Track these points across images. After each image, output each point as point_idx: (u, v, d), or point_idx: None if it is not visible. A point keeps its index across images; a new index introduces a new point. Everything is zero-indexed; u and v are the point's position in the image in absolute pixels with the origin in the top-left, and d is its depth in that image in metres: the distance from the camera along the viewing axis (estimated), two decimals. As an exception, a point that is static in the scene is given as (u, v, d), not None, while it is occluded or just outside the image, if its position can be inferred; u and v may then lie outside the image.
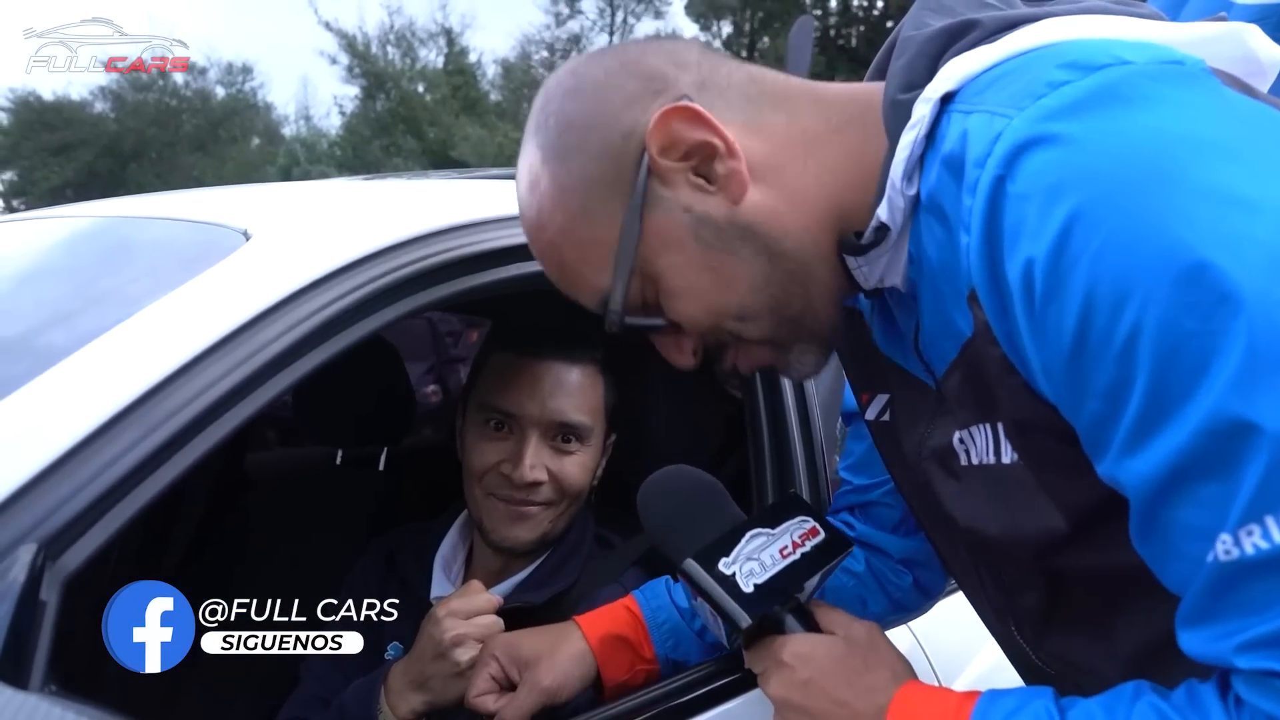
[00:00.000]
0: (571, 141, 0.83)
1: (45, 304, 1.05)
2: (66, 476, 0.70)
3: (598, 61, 0.86)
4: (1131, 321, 0.61)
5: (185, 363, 0.78)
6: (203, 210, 1.14)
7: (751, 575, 0.91)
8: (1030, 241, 0.64)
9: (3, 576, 0.65)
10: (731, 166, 0.81)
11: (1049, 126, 0.65)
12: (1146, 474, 0.63)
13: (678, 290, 0.84)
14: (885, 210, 0.80)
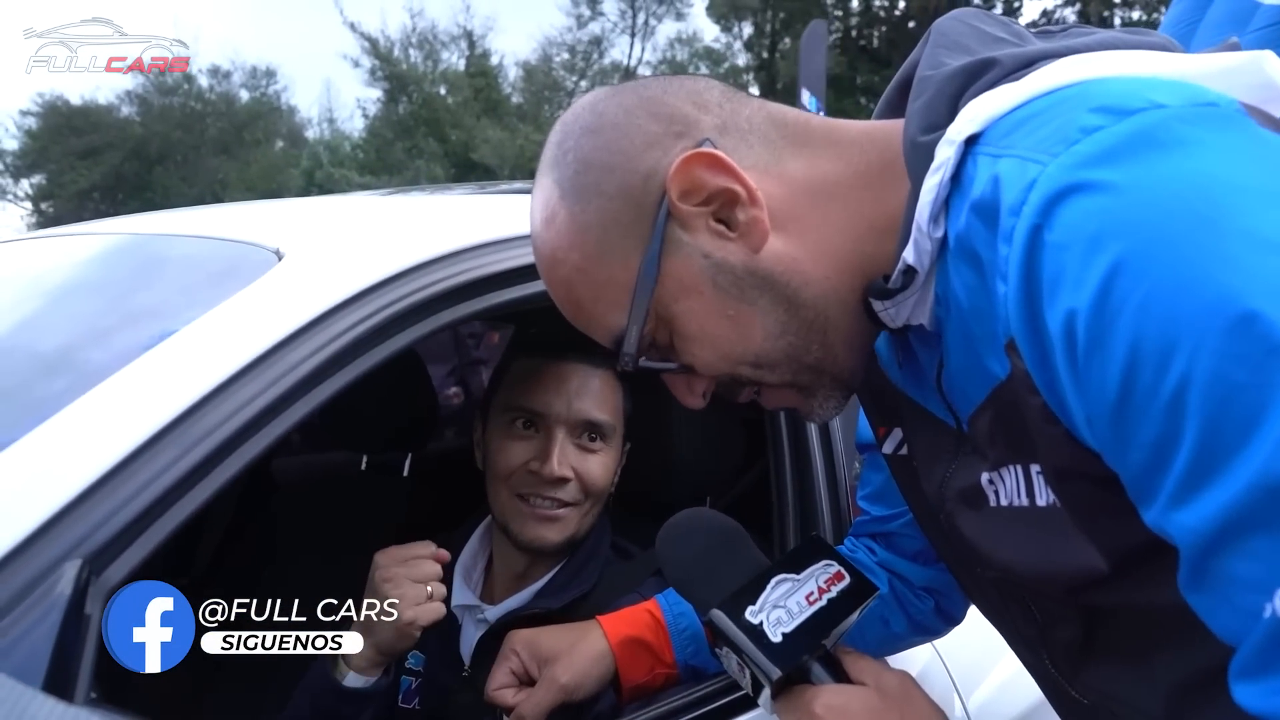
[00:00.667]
0: (590, 181, 0.83)
1: (84, 321, 1.08)
2: (109, 494, 0.73)
3: (617, 99, 0.85)
4: (1180, 373, 0.59)
5: (221, 382, 0.81)
6: (235, 228, 1.16)
7: (779, 624, 0.88)
8: (1071, 292, 0.63)
9: (49, 591, 0.67)
10: (753, 214, 0.80)
11: (1085, 174, 0.64)
12: (1196, 527, 0.61)
13: (693, 335, 0.84)
14: (912, 253, 0.79)
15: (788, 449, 1.33)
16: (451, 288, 0.99)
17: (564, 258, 0.84)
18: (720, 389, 0.89)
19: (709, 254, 0.81)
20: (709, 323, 0.83)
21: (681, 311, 0.83)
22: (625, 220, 0.81)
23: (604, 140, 0.83)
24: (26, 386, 0.93)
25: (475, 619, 1.34)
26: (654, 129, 0.82)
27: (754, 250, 0.81)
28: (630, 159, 0.81)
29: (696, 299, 0.82)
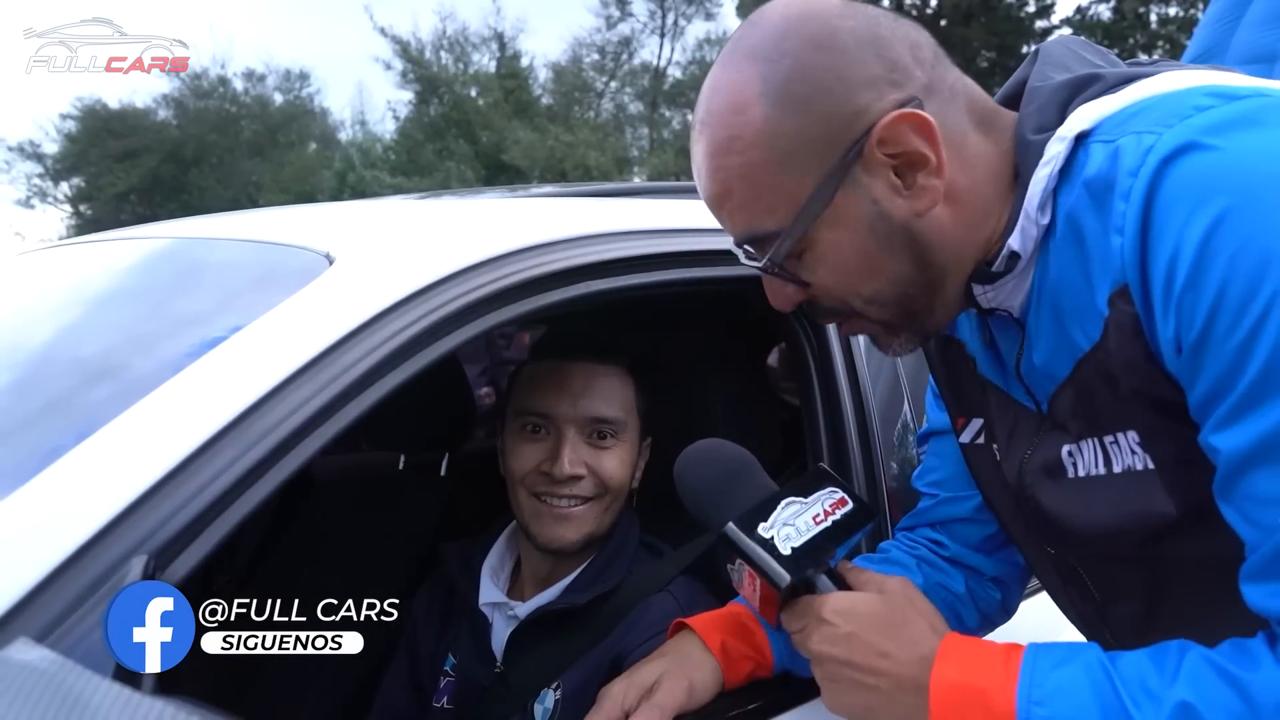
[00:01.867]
0: (801, 93, 0.84)
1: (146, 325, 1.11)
2: (173, 493, 0.75)
3: (851, 23, 0.86)
4: (1255, 317, 0.70)
5: (277, 384, 0.83)
6: (284, 232, 1.19)
7: (789, 539, 0.96)
8: (1177, 237, 0.73)
9: (118, 585, 0.70)
10: (932, 183, 0.86)
11: (1199, 138, 0.74)
12: (1235, 445, 0.73)
13: (829, 260, 0.89)
14: (1018, 240, 0.87)
15: (826, 449, 1.34)
16: (498, 290, 1.01)
17: (743, 149, 0.86)
18: (809, 307, 0.96)
19: (878, 200, 0.87)
20: (848, 256, 0.89)
21: (828, 239, 0.88)
22: (819, 143, 0.85)
23: (830, 61, 0.84)
24: (92, 389, 0.96)
25: (506, 615, 1.36)
26: (876, 70, 0.85)
27: (917, 214, 0.87)
28: (848, 90, 0.84)
29: (847, 233, 0.88)
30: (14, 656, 0.60)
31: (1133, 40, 23.90)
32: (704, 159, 0.91)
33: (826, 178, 0.86)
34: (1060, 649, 0.86)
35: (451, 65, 26.78)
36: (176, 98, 28.31)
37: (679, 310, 1.70)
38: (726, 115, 0.88)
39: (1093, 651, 0.84)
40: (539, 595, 1.35)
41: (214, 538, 0.76)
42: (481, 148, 24.51)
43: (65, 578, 0.70)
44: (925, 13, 26.27)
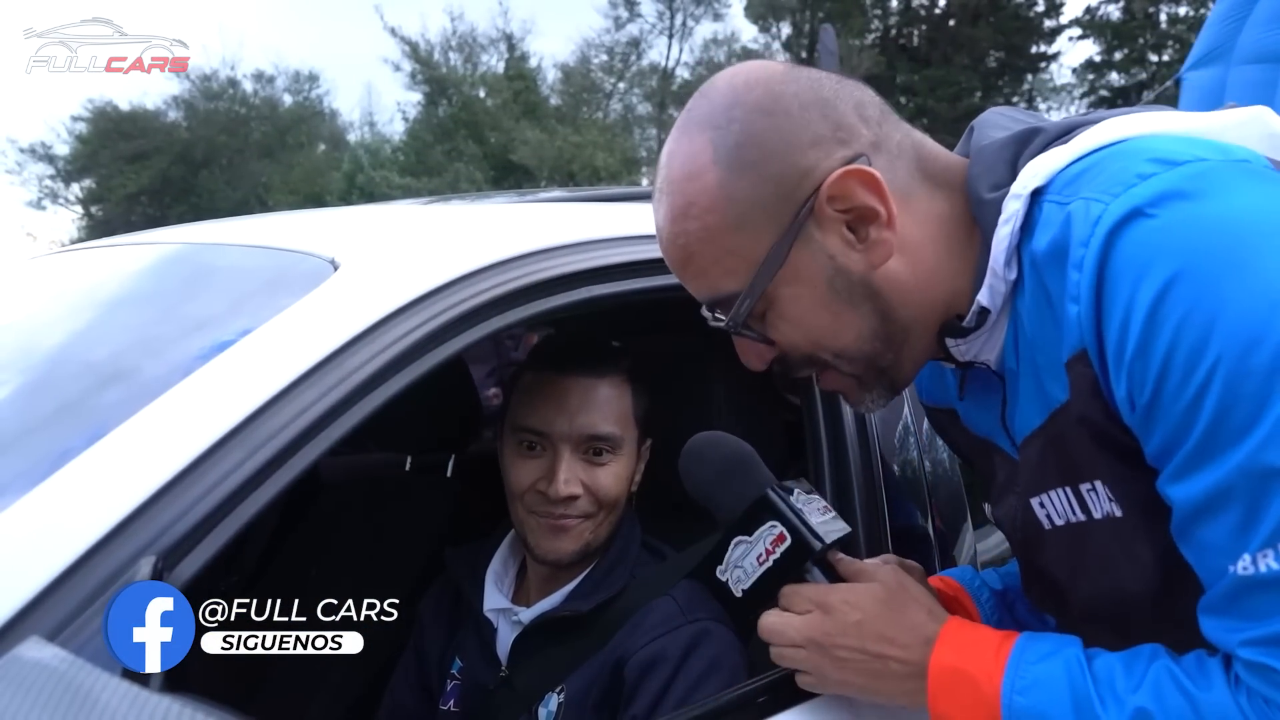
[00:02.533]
0: (751, 158, 0.89)
1: (152, 330, 1.13)
2: (181, 494, 0.77)
3: (793, 88, 0.90)
4: (1202, 378, 0.74)
5: (282, 389, 0.85)
6: (290, 238, 1.21)
7: (739, 582, 1.05)
8: (1127, 304, 0.77)
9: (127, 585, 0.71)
10: (884, 236, 0.90)
11: (1143, 207, 0.77)
12: (1190, 496, 0.78)
13: (791, 317, 0.93)
14: (986, 295, 0.91)
15: (826, 453, 1.35)
16: (501, 295, 1.02)
17: (698, 215, 0.91)
18: (780, 365, 0.98)
19: (833, 256, 0.90)
20: (810, 312, 0.92)
21: (789, 295, 0.92)
22: (771, 203, 0.89)
23: (776, 124, 0.89)
24: (101, 393, 0.98)
25: (510, 620, 1.37)
26: (822, 130, 0.89)
27: (873, 266, 0.90)
28: (796, 151, 0.89)
29: (808, 289, 0.91)
30: (26, 654, 0.61)
31: (1142, 40, 23.83)
32: (664, 225, 0.94)
33: (781, 236, 0.89)
34: (1047, 642, 0.92)
35: (460, 66, 26.84)
36: (186, 99, 28.44)
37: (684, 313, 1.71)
38: (682, 182, 0.91)
39: (1074, 648, 0.90)
40: (542, 601, 1.36)
41: (221, 538, 0.78)
42: (490, 148, 24.55)
43: (75, 578, 0.71)
44: (933, 13, 26.23)
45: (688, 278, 0.96)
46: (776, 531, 1.04)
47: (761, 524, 1.04)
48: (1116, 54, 24.75)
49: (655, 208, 0.96)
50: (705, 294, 0.95)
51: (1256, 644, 0.77)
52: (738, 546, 1.05)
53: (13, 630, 0.68)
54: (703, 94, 0.95)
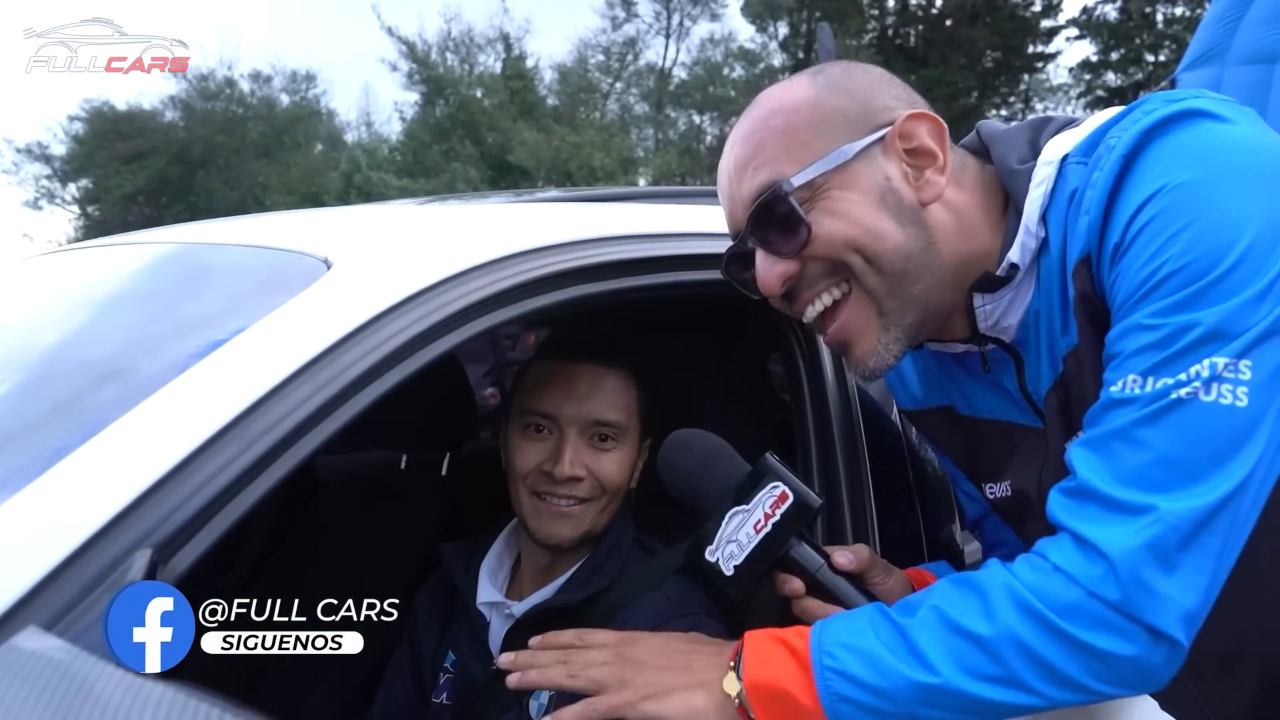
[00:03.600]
0: (844, 85, 1.05)
1: (147, 328, 1.14)
2: (175, 490, 0.78)
3: (875, 70, 1.09)
4: (1169, 243, 0.87)
5: (276, 385, 0.86)
6: (284, 237, 1.22)
7: (731, 559, 1.05)
8: (1131, 202, 0.89)
9: (122, 578, 0.73)
10: (936, 180, 1.03)
11: (1154, 130, 0.91)
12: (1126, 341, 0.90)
13: (836, 212, 1.01)
14: (1017, 252, 1.01)
15: (814, 450, 1.36)
16: (492, 294, 1.04)
17: (786, 113, 1.04)
18: (797, 288, 1.05)
19: (890, 178, 1.02)
20: (857, 210, 1.01)
21: (840, 196, 1.01)
22: (853, 118, 1.03)
23: (868, 79, 1.07)
24: (97, 389, 0.99)
25: (503, 614, 1.38)
26: (898, 92, 1.07)
27: (922, 202, 1.01)
28: (878, 95, 1.05)
29: (859, 194, 1.01)
30: (24, 644, 0.63)
31: (1139, 40, 23.84)
32: (743, 129, 1.06)
33: (850, 145, 1.01)
34: (840, 616, 0.99)
35: (457, 66, 26.82)
36: (184, 99, 28.40)
37: (682, 312, 1.72)
38: (777, 94, 1.07)
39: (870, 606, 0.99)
40: (534, 594, 1.37)
41: (215, 533, 0.79)
42: (487, 148, 24.53)
43: (72, 570, 0.72)
44: (930, 13, 26.23)
45: (749, 171, 1.04)
46: (779, 491, 1.05)
47: (761, 488, 1.06)
48: (1113, 54, 24.76)
49: (735, 129, 1.08)
50: (764, 180, 1.02)
51: None
52: (733, 519, 1.06)
53: (11, 621, 0.69)
54: (809, 70, 1.10)
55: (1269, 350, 0.84)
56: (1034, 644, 0.86)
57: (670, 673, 1.00)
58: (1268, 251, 0.85)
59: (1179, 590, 0.84)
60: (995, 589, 0.90)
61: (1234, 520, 0.85)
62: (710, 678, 0.98)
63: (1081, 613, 0.85)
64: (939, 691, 0.89)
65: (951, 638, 0.89)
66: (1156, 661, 0.86)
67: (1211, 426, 0.84)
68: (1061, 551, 0.89)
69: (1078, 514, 0.89)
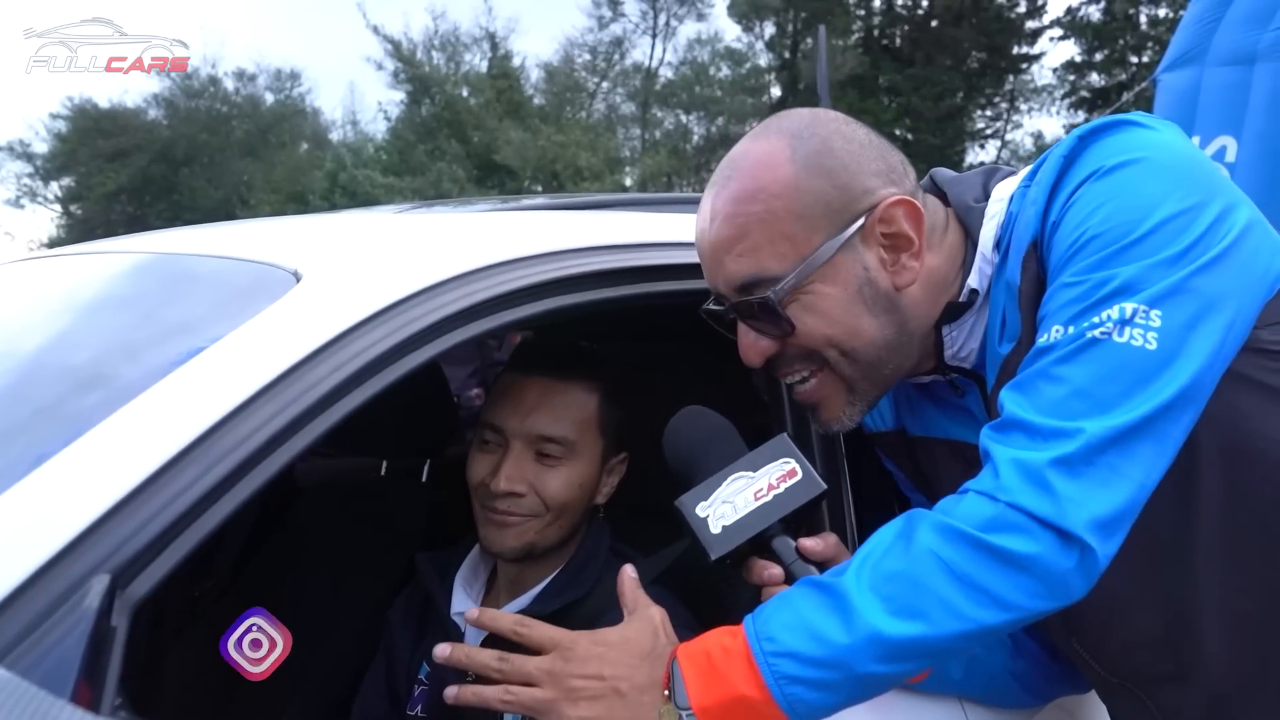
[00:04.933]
0: (825, 164, 1.04)
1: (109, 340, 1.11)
2: (135, 511, 0.76)
3: (860, 131, 1.09)
4: (1093, 215, 0.97)
5: (241, 403, 0.84)
6: (254, 248, 1.20)
7: (722, 518, 1.05)
8: (1073, 183, 0.99)
9: (77, 605, 0.71)
10: (911, 265, 1.07)
11: (1094, 132, 1.01)
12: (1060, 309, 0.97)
13: (817, 309, 1.05)
14: (976, 279, 1.09)
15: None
16: (467, 307, 1.02)
17: (767, 199, 1.04)
18: (775, 361, 1.10)
19: (868, 268, 1.06)
20: (836, 308, 1.05)
21: (822, 291, 1.04)
22: (834, 207, 1.04)
23: (849, 147, 1.06)
24: (55, 404, 0.97)
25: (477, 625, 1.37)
26: (882, 166, 1.08)
27: (897, 288, 1.07)
28: (861, 173, 1.05)
29: (839, 288, 1.05)
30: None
31: (1123, 41, 23.97)
32: (724, 205, 1.06)
33: (833, 237, 1.03)
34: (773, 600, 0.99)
35: (443, 65, 26.72)
36: (167, 97, 28.20)
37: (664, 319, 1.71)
38: (756, 170, 1.05)
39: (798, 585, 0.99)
40: (509, 604, 1.36)
41: (177, 555, 0.77)
42: (473, 148, 24.45)
43: (24, 598, 0.70)
44: (916, 14, 26.32)
45: (732, 256, 1.06)
46: (789, 466, 1.06)
47: (771, 460, 1.07)
48: (1097, 55, 24.88)
49: (714, 192, 1.08)
50: (747, 272, 1.05)
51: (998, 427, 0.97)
52: (735, 481, 1.06)
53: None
54: (780, 115, 1.10)
55: (1179, 304, 0.92)
56: (953, 560, 0.90)
57: (604, 702, 0.95)
58: (1181, 228, 0.94)
59: (1086, 496, 0.90)
60: (917, 524, 0.94)
61: (1145, 449, 0.92)
62: (645, 708, 0.95)
63: (998, 522, 0.90)
64: (872, 641, 0.90)
65: (878, 582, 0.92)
66: (1069, 565, 0.90)
67: (1122, 364, 0.92)
68: (980, 478, 0.95)
69: (1001, 441, 0.95)
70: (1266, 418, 0.99)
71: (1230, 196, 0.99)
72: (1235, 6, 4.40)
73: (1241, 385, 0.98)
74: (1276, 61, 4.11)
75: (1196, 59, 4.52)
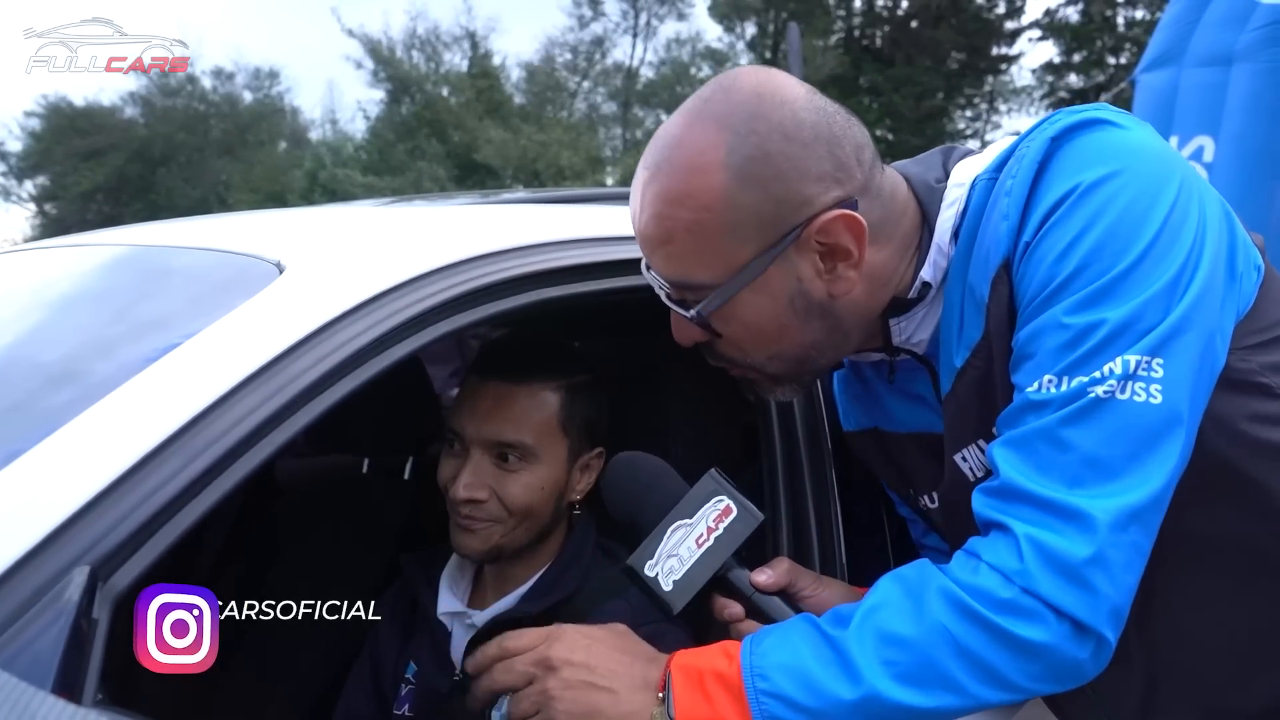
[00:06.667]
0: (763, 173, 0.95)
1: (90, 333, 1.10)
2: (115, 503, 0.75)
3: (811, 117, 0.97)
4: (1073, 245, 0.90)
5: (223, 394, 0.83)
6: (236, 240, 1.19)
7: (671, 573, 1.04)
8: (1047, 200, 0.92)
9: (58, 597, 0.70)
10: (849, 275, 1.00)
11: (1064, 135, 0.95)
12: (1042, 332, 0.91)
13: (744, 320, 1.01)
14: (929, 271, 1.03)
15: (780, 456, 1.35)
16: (449, 299, 1.01)
17: (695, 209, 0.96)
18: (705, 349, 1.07)
19: (801, 279, 0.99)
20: (764, 320, 1.01)
21: (750, 301, 0.99)
22: (766, 220, 0.96)
23: (790, 150, 0.96)
24: (33, 398, 0.96)
25: (464, 624, 1.37)
26: (826, 167, 0.97)
27: (832, 296, 1.00)
28: (801, 180, 0.96)
29: (769, 301, 0.99)
30: (-50, 670, 0.60)
31: (1100, 43, 24.17)
32: (652, 202, 0.98)
33: (764, 251, 0.97)
34: (772, 629, 0.97)
35: (423, 64, 26.61)
36: (144, 95, 27.96)
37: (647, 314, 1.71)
38: (686, 171, 0.96)
39: (800, 619, 0.97)
40: (496, 604, 1.35)
41: (159, 547, 0.76)
42: (454, 147, 24.37)
43: (5, 589, 0.69)
44: (896, 14, 26.44)
45: (658, 256, 1.01)
46: (723, 505, 1.05)
47: (705, 503, 1.06)
48: (1075, 56, 25.08)
49: (643, 181, 1.00)
50: (673, 276, 1.01)
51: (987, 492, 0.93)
52: (675, 532, 1.05)
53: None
54: (724, 89, 0.98)
55: (1179, 348, 0.88)
56: (965, 640, 0.87)
57: (595, 694, 0.95)
58: (1168, 246, 0.89)
59: (1107, 586, 0.87)
60: (928, 589, 0.90)
61: (1155, 516, 0.89)
62: (637, 706, 0.94)
63: (1016, 608, 0.87)
64: (869, 701, 0.88)
65: (882, 645, 0.89)
66: (1084, 656, 0.88)
67: (1129, 425, 0.87)
68: (994, 549, 0.90)
69: (1009, 512, 0.90)
70: None
71: (1201, 195, 0.96)
72: (1212, 8, 4.45)
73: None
74: (1253, 62, 4.16)
75: (1174, 60, 4.56)
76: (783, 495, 1.35)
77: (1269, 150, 4.09)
